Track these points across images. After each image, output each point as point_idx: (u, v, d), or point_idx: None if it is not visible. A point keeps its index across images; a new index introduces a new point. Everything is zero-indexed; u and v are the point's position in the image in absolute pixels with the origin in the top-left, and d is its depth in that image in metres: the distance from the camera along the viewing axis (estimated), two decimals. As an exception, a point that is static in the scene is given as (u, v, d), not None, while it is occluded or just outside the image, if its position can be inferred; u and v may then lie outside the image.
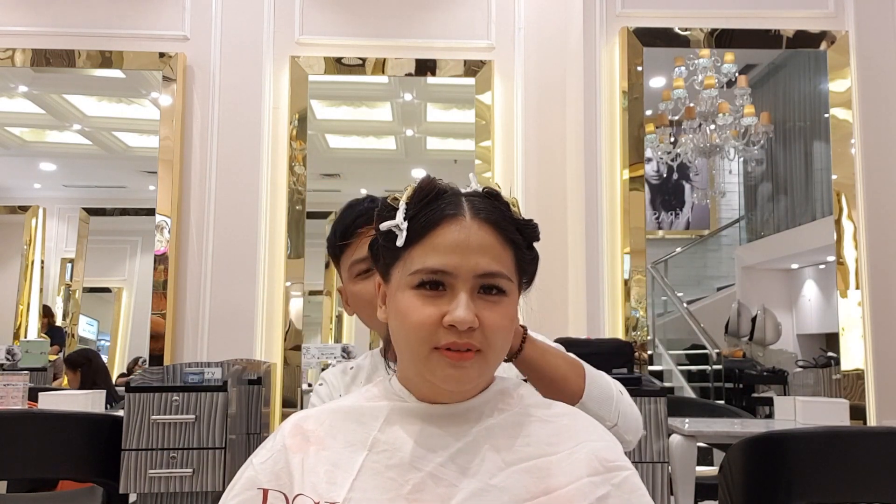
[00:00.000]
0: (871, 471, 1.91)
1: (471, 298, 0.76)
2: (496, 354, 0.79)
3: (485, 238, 0.78)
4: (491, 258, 0.78)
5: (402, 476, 0.75)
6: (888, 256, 3.47)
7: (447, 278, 0.77)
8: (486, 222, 0.79)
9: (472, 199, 0.81)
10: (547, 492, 0.74)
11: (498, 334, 0.77)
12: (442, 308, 0.76)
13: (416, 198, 0.80)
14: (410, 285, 0.78)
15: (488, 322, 0.76)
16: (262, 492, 0.77)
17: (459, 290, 0.76)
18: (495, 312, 0.77)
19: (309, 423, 0.82)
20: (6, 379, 2.63)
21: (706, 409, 3.58)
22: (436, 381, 0.78)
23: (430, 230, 0.78)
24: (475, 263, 0.77)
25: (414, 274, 0.77)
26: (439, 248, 0.77)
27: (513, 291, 0.80)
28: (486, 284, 0.77)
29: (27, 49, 3.64)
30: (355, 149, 4.24)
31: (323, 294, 3.78)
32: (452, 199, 0.80)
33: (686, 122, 3.93)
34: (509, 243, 0.80)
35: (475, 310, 0.76)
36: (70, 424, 2.35)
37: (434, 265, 0.77)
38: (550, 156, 3.68)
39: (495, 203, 0.81)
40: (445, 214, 0.78)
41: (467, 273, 0.76)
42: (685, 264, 5.08)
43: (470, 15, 3.77)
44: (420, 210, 0.79)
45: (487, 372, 0.80)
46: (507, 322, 0.78)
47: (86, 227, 4.05)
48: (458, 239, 0.77)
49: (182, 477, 2.57)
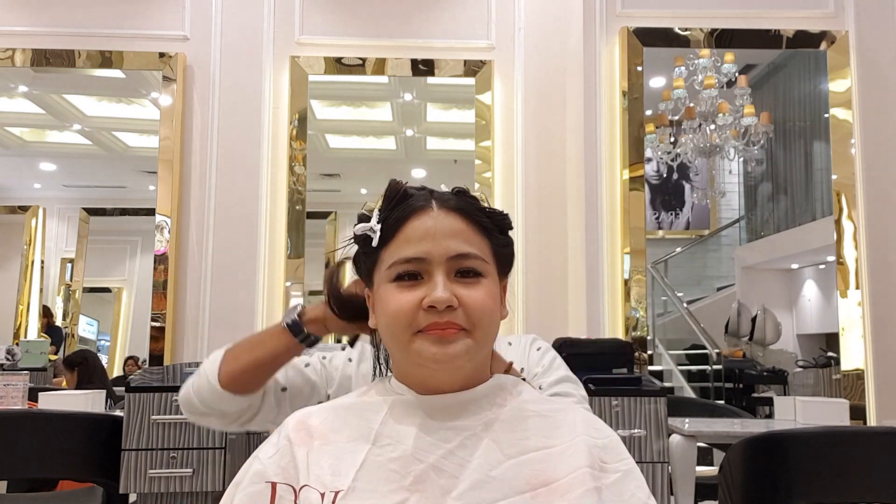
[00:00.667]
0: (871, 471, 1.91)
1: (447, 280, 0.79)
2: (483, 333, 0.80)
3: (454, 223, 0.82)
4: (462, 240, 0.81)
5: (405, 468, 0.77)
6: (888, 256, 3.47)
7: (422, 265, 0.80)
8: (454, 209, 0.83)
9: (441, 194, 0.85)
10: (546, 483, 0.75)
11: (480, 312, 0.79)
12: (420, 293, 0.79)
13: (387, 201, 0.84)
14: (389, 279, 0.81)
15: (468, 300, 0.79)
16: (271, 485, 0.78)
17: (435, 273, 0.79)
18: (474, 291, 0.80)
19: (312, 418, 0.84)
20: (6, 379, 2.63)
21: (706, 409, 3.58)
22: (424, 363, 0.79)
23: (401, 225, 0.82)
24: (446, 247, 0.80)
25: (391, 268, 0.81)
26: (411, 239, 0.81)
27: (490, 274, 0.83)
28: (462, 268, 0.80)
29: (27, 49, 3.64)
30: (355, 149, 4.24)
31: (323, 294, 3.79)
32: (421, 196, 0.84)
33: (686, 122, 3.93)
34: (480, 228, 0.84)
35: (453, 290, 0.78)
36: (70, 424, 2.35)
37: (408, 254, 0.80)
38: (550, 156, 3.68)
39: (463, 196, 0.86)
40: (414, 208, 0.82)
41: (440, 257, 0.79)
42: (685, 264, 5.08)
43: (470, 15, 3.77)
44: (391, 211, 0.83)
45: (475, 351, 0.80)
46: (488, 300, 0.80)
47: (86, 227, 4.05)
48: (428, 227, 0.81)
49: (182, 477, 2.57)
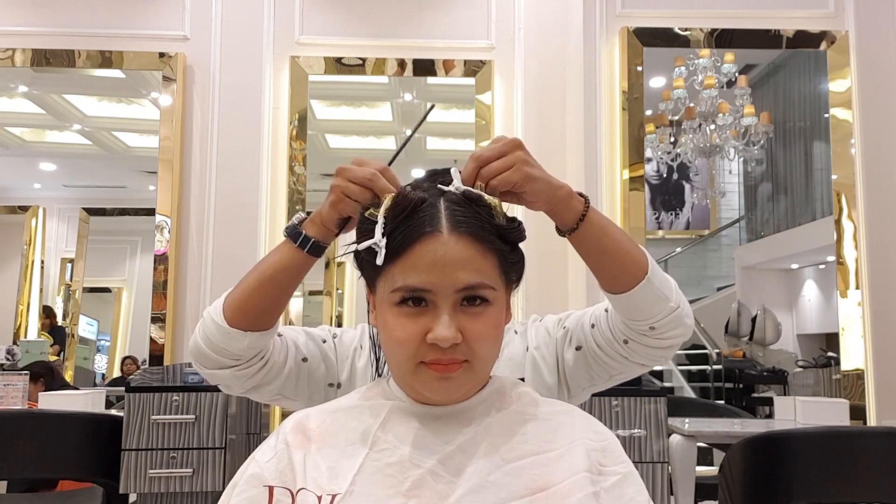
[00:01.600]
0: (871, 471, 1.91)
1: (453, 313, 0.77)
2: (483, 363, 0.80)
3: (464, 251, 0.77)
4: (471, 271, 0.77)
5: (402, 473, 0.76)
6: (888, 256, 3.47)
7: (428, 295, 0.77)
8: (465, 234, 0.78)
9: (452, 208, 0.79)
10: (544, 488, 0.75)
11: (483, 344, 0.78)
12: (425, 325, 0.77)
13: (393, 213, 0.79)
14: (392, 302, 0.79)
15: (472, 334, 0.77)
16: (268, 489, 0.78)
17: (440, 306, 0.77)
18: (479, 323, 0.78)
19: (310, 421, 0.83)
20: (6, 379, 2.63)
21: (706, 409, 3.58)
22: (425, 393, 0.79)
23: (408, 247, 0.77)
24: (455, 279, 0.77)
25: (395, 292, 0.78)
26: (418, 266, 0.77)
27: (498, 298, 0.81)
28: (469, 296, 0.78)
29: (27, 49, 3.64)
30: (355, 149, 4.24)
31: (323, 294, 3.78)
32: (429, 212, 0.79)
33: (686, 122, 3.93)
34: (490, 251, 0.79)
35: (459, 323, 0.76)
36: (70, 424, 2.35)
37: (414, 284, 0.77)
38: (550, 156, 3.68)
39: (475, 209, 0.80)
40: (423, 232, 0.77)
41: (447, 289, 0.77)
42: (685, 264, 5.08)
43: (470, 15, 3.77)
44: (397, 226, 0.78)
45: (476, 380, 0.81)
46: (492, 331, 0.79)
47: (86, 227, 4.05)
48: (437, 255, 0.76)
49: (182, 477, 2.57)
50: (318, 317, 3.75)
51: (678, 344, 0.99)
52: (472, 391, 0.83)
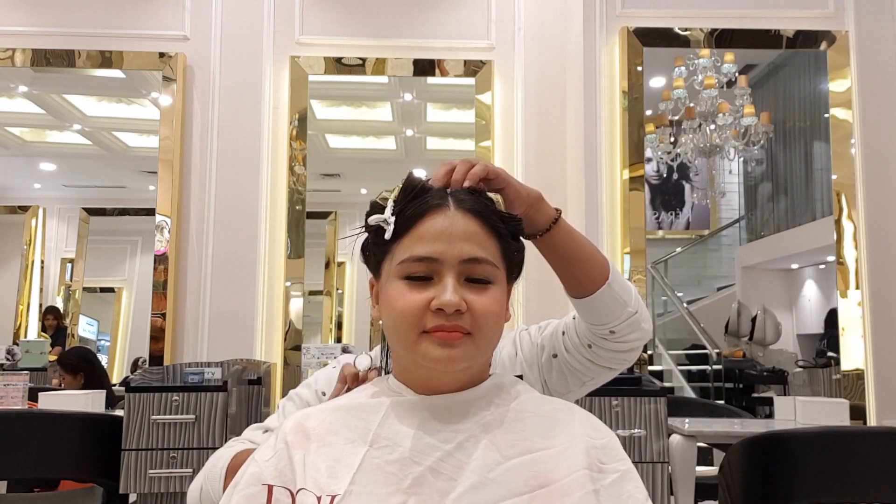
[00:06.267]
0: (871, 471, 1.91)
1: (458, 284, 0.79)
2: (485, 339, 0.81)
3: (469, 225, 0.81)
4: (475, 244, 0.81)
5: (402, 471, 0.76)
6: (888, 256, 3.46)
7: (434, 265, 0.79)
8: (470, 212, 0.82)
9: (457, 194, 0.84)
10: (544, 485, 0.75)
11: (486, 318, 0.80)
12: (429, 294, 0.79)
13: (404, 194, 0.84)
14: (398, 275, 0.81)
15: (476, 305, 0.79)
16: (268, 488, 0.78)
17: (446, 275, 0.79)
18: (483, 297, 0.80)
19: (310, 421, 0.83)
20: (6, 379, 2.63)
21: (706, 409, 3.58)
22: (427, 364, 0.80)
23: (416, 221, 0.81)
24: (460, 249, 0.80)
25: (401, 264, 0.81)
26: (425, 237, 0.80)
27: (500, 280, 0.83)
28: (473, 275, 0.80)
29: (27, 49, 3.64)
30: (355, 149, 4.24)
31: (323, 294, 3.78)
32: (437, 193, 0.84)
33: (686, 122, 3.93)
34: (493, 232, 0.83)
35: (463, 295, 0.78)
36: (70, 424, 2.35)
37: (420, 253, 0.80)
38: (550, 156, 3.68)
39: (479, 197, 0.85)
40: (430, 205, 0.82)
41: (453, 259, 0.79)
42: (685, 264, 5.07)
43: (470, 15, 3.77)
44: (407, 205, 0.83)
45: (478, 355, 0.81)
46: (495, 307, 0.81)
47: (86, 227, 4.05)
48: (443, 227, 0.81)
49: (182, 477, 2.57)
50: (318, 317, 3.75)
51: (638, 347, 1.04)
52: (473, 369, 0.83)
